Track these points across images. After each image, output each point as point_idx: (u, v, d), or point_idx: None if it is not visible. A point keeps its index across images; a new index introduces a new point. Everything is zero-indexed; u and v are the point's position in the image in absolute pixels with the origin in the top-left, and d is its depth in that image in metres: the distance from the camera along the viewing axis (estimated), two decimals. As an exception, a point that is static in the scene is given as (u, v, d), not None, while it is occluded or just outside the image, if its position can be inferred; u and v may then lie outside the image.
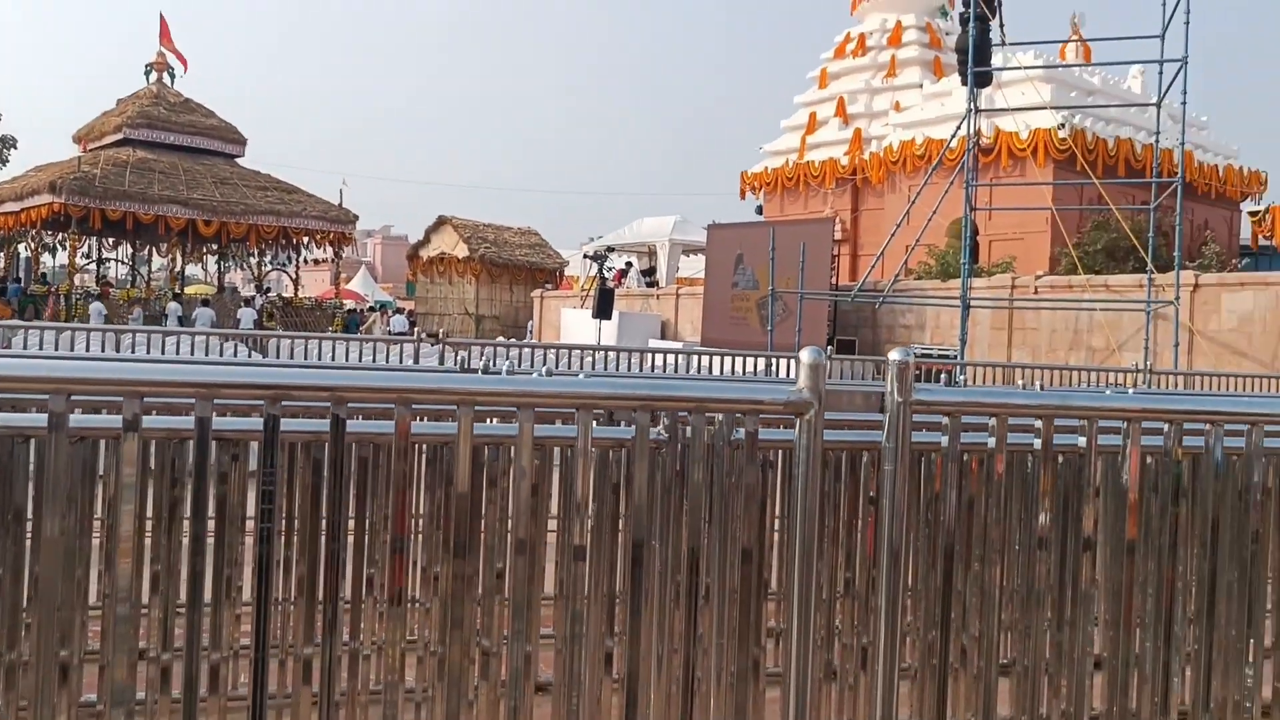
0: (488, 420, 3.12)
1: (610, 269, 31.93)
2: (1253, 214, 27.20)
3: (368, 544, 3.00)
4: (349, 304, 41.94)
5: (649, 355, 14.05)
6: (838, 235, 27.08)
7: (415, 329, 33.98)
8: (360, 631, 2.94)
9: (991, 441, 2.75)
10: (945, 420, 2.70)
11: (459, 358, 7.23)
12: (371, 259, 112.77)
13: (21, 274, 35.30)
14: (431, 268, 39.63)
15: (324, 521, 2.52)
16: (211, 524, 2.37)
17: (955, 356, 18.67)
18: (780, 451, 3.24)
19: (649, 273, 34.87)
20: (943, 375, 10.91)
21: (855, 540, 3.09)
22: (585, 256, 34.41)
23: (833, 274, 23.85)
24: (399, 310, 41.51)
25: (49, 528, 2.14)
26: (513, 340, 17.87)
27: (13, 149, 40.81)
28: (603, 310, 24.77)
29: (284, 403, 2.31)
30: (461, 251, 38.47)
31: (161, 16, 35.34)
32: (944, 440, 2.69)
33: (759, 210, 33.95)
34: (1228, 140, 29.63)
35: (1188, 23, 17.45)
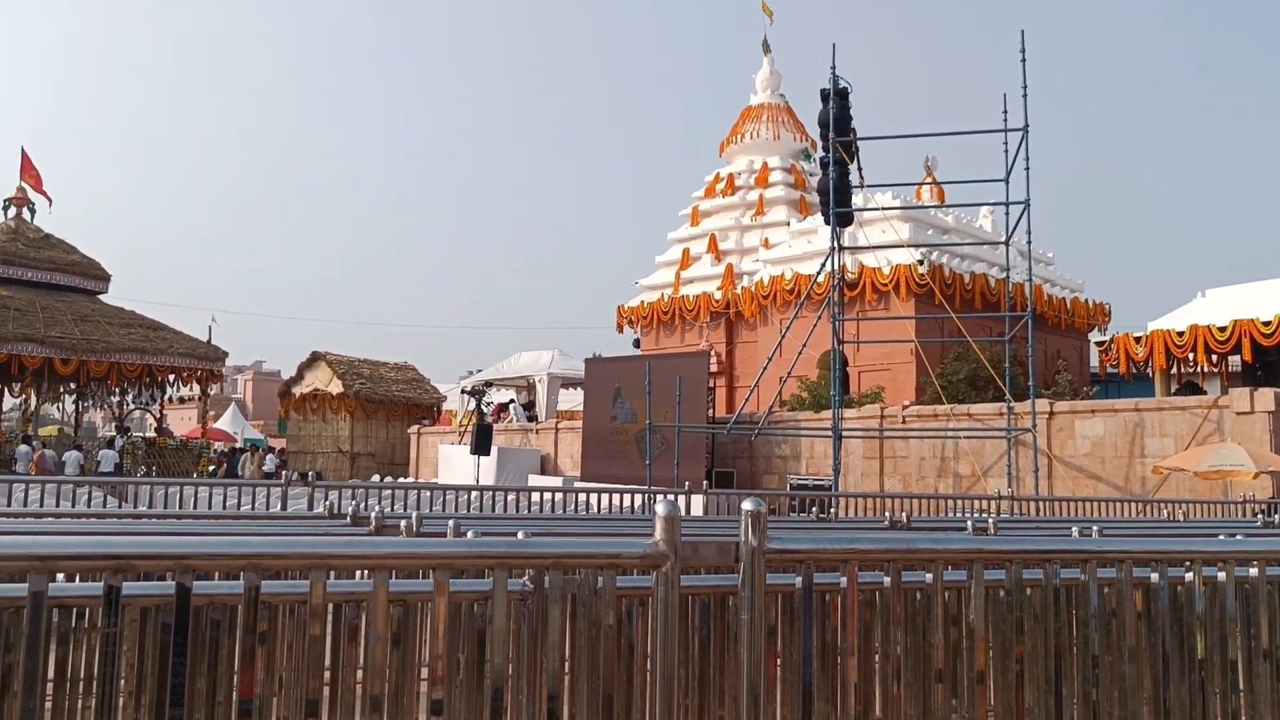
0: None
1: (489, 404, 31.81)
2: (1099, 344, 28.85)
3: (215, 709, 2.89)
4: (218, 445, 40.58)
5: (527, 494, 13.95)
6: (713, 367, 27.65)
7: (286, 468, 33.04)
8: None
9: (844, 582, 2.85)
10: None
11: (329, 502, 7.08)
12: (242, 395, 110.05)
13: None
14: (304, 404, 38.88)
15: (169, 687, 2.44)
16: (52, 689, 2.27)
17: (831, 486, 19.08)
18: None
19: (529, 406, 34.86)
20: (814, 506, 11.13)
21: (725, 679, 3.12)
22: (463, 392, 34.25)
23: (709, 406, 24.19)
24: (270, 449, 40.40)
25: None
26: (386, 480, 17.54)
27: None
28: (481, 446, 24.59)
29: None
30: (336, 388, 37.89)
31: (23, 151, 34.58)
32: (798, 582, 2.78)
33: (636, 343, 34.46)
34: (1074, 275, 31.59)
35: (1028, 169, 18.86)
